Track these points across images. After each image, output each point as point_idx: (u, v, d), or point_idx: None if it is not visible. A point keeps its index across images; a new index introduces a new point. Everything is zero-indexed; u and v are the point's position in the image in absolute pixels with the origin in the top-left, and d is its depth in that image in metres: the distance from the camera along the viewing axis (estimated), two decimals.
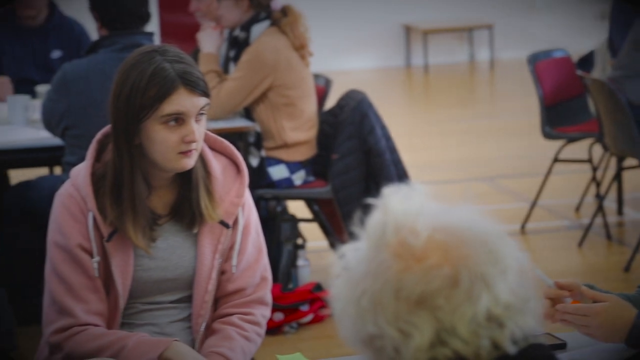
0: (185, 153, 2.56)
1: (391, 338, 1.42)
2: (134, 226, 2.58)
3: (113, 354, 2.52)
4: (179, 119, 2.55)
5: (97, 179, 2.60)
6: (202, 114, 2.58)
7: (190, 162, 2.58)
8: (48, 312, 2.62)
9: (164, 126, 2.55)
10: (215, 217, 2.65)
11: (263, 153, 4.85)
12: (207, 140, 2.70)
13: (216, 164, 2.70)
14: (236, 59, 4.89)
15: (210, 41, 4.92)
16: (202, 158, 2.66)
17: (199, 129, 2.58)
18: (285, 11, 4.88)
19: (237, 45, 4.89)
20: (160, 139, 2.55)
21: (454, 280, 1.43)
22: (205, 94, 2.58)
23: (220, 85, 4.80)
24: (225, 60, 5.01)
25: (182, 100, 2.54)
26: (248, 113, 4.93)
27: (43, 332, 2.64)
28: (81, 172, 2.61)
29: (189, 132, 2.55)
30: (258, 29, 4.83)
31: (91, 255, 2.60)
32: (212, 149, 2.72)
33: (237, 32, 4.88)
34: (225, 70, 4.96)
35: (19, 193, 4.70)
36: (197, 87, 2.56)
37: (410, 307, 1.42)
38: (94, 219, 2.59)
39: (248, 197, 2.74)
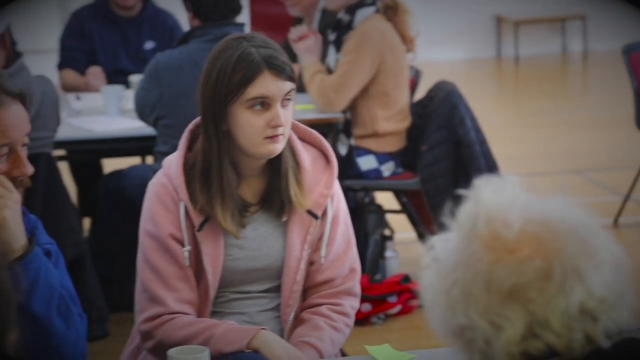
0: (272, 138, 2.58)
1: (482, 330, 1.41)
2: (223, 211, 2.60)
3: (202, 342, 2.54)
4: (264, 103, 2.57)
5: (188, 169, 2.63)
6: (288, 99, 2.60)
7: (277, 147, 2.60)
8: (139, 300, 2.65)
9: (249, 110, 2.57)
10: (305, 204, 2.66)
11: (352, 141, 4.85)
12: (296, 131, 2.71)
13: (306, 155, 2.70)
14: (337, 42, 4.87)
15: (310, 52, 4.85)
16: (291, 149, 2.67)
17: (285, 114, 2.59)
18: (392, 3, 4.85)
19: (339, 28, 4.86)
20: (247, 124, 2.57)
21: (546, 273, 1.41)
22: (291, 78, 2.59)
23: (332, 75, 4.75)
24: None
25: (267, 84, 2.56)
26: None
27: (135, 320, 2.68)
28: (173, 162, 2.65)
29: (275, 117, 2.56)
30: (363, 13, 4.80)
31: (182, 244, 2.63)
32: (302, 140, 2.73)
33: (341, 15, 4.85)
34: (324, 54, 4.93)
35: (112, 182, 4.77)
36: (283, 71, 2.57)
37: (501, 299, 1.41)
38: (186, 209, 2.62)
39: (337, 189, 2.74)
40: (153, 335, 2.61)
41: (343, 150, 4.84)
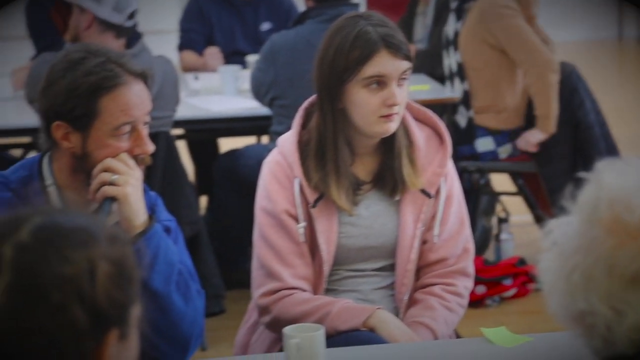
0: (387, 117, 2.58)
1: (603, 316, 1.38)
2: (338, 188, 2.62)
3: (318, 319, 2.56)
4: (380, 81, 2.57)
5: (303, 146, 2.65)
6: (404, 78, 2.59)
7: (391, 126, 2.60)
8: (256, 275, 2.68)
9: (365, 89, 2.57)
10: (418, 183, 2.65)
11: (471, 113, 4.80)
12: (410, 110, 2.70)
13: (419, 133, 2.70)
14: (458, 11, 4.82)
15: None
16: (405, 128, 2.67)
17: (401, 93, 2.58)
18: None
19: None
20: (362, 102, 2.57)
21: None
22: (408, 57, 2.59)
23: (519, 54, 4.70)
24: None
25: (384, 63, 2.56)
26: (460, 70, 4.87)
27: (252, 295, 2.71)
28: (288, 140, 2.67)
29: (390, 95, 2.56)
30: None
31: (297, 221, 2.65)
32: (416, 119, 2.72)
33: None
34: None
35: (228, 161, 4.82)
36: (400, 50, 2.57)
37: (624, 284, 1.38)
38: (300, 186, 2.64)
39: (451, 168, 2.73)
40: (270, 310, 2.64)
41: (463, 122, 4.80)
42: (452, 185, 2.72)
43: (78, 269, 1.18)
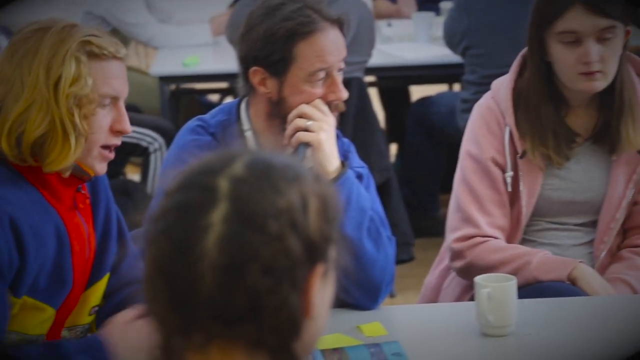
0: (587, 75, 2.50)
1: None
2: (549, 140, 2.56)
3: (516, 268, 2.53)
4: (576, 38, 2.49)
5: (517, 95, 2.61)
6: (608, 37, 2.49)
7: (594, 84, 2.52)
8: (452, 218, 2.67)
9: (561, 44, 2.51)
10: (637, 144, 2.57)
11: None
12: (635, 66, 2.61)
13: None
14: None
15: None
16: (628, 85, 2.57)
17: (603, 50, 2.49)
18: None
19: None
20: (559, 57, 2.52)
21: None
22: (610, 15, 2.48)
23: None
24: None
25: (579, 19, 2.48)
26: None
27: (445, 238, 2.70)
28: (503, 86, 2.63)
29: (585, 53, 2.49)
30: None
31: (503, 170, 2.61)
32: None
33: None
34: None
35: (419, 109, 4.81)
36: (597, 6, 2.48)
37: None
38: (510, 134, 2.60)
39: None
40: (464, 256, 2.62)
41: None
42: None
43: (291, 202, 1.21)
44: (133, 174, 5.26)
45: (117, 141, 2.07)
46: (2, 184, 2.00)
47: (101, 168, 2.08)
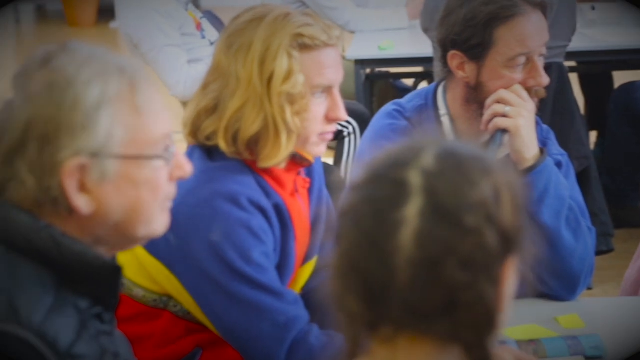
0: None
1: None
2: None
3: None
4: None
5: None
6: None
7: None
8: None
9: None
10: None
11: None
12: None
13: None
14: None
15: None
16: None
17: None
18: None
19: None
20: None
21: None
22: None
23: None
24: None
25: None
26: None
27: None
28: None
29: None
30: None
31: None
32: None
33: None
34: None
35: (623, 95, 4.67)
36: None
37: None
38: None
39: None
40: None
41: None
42: None
43: (485, 194, 1.19)
44: (326, 158, 5.31)
45: (332, 128, 2.06)
46: (235, 172, 2.02)
47: (319, 151, 2.08)
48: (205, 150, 2.05)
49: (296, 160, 2.07)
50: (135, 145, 1.45)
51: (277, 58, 1.97)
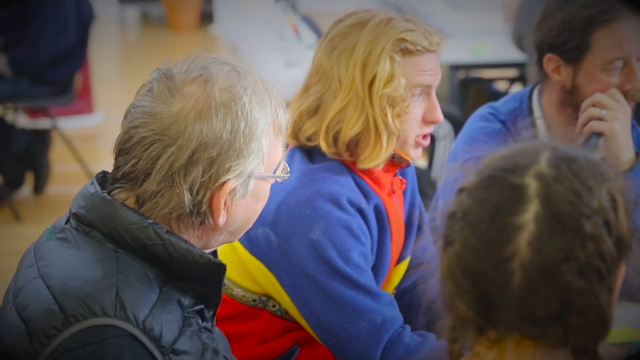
0: None
1: None
2: None
3: None
4: None
5: None
6: None
7: None
8: None
9: None
10: None
11: None
12: None
13: None
14: None
15: None
16: None
17: None
18: None
19: None
20: None
21: None
22: None
23: None
24: None
25: None
26: None
27: None
28: None
29: None
30: None
31: None
32: None
33: None
34: None
35: None
36: None
37: None
38: None
39: None
40: None
41: None
42: None
43: (603, 200, 1.20)
44: (419, 160, 5.31)
45: (429, 130, 2.10)
46: (335, 173, 2.06)
47: (416, 153, 2.12)
48: (305, 152, 2.09)
49: (394, 161, 2.11)
50: (270, 164, 1.54)
51: (380, 62, 2.01)
